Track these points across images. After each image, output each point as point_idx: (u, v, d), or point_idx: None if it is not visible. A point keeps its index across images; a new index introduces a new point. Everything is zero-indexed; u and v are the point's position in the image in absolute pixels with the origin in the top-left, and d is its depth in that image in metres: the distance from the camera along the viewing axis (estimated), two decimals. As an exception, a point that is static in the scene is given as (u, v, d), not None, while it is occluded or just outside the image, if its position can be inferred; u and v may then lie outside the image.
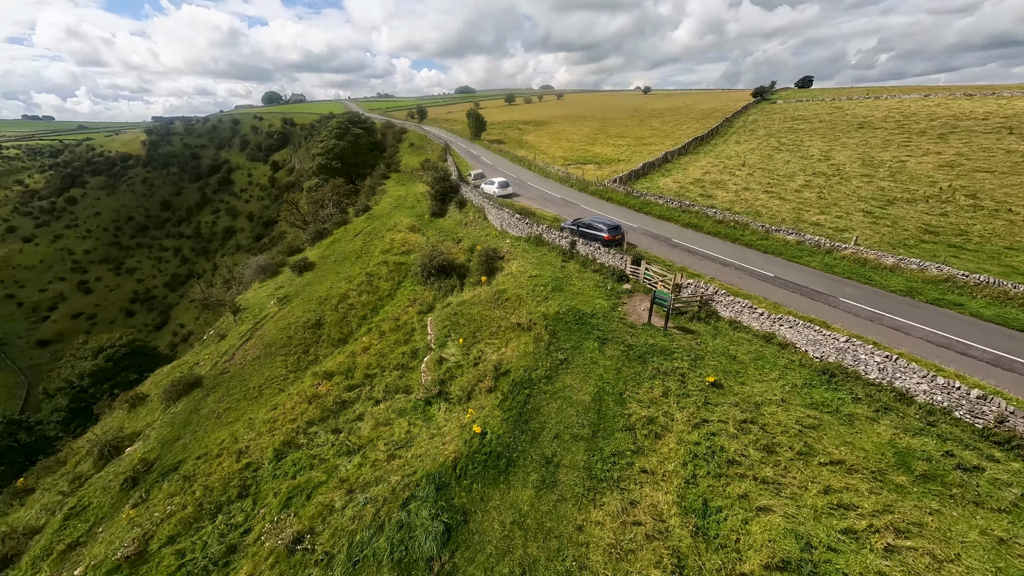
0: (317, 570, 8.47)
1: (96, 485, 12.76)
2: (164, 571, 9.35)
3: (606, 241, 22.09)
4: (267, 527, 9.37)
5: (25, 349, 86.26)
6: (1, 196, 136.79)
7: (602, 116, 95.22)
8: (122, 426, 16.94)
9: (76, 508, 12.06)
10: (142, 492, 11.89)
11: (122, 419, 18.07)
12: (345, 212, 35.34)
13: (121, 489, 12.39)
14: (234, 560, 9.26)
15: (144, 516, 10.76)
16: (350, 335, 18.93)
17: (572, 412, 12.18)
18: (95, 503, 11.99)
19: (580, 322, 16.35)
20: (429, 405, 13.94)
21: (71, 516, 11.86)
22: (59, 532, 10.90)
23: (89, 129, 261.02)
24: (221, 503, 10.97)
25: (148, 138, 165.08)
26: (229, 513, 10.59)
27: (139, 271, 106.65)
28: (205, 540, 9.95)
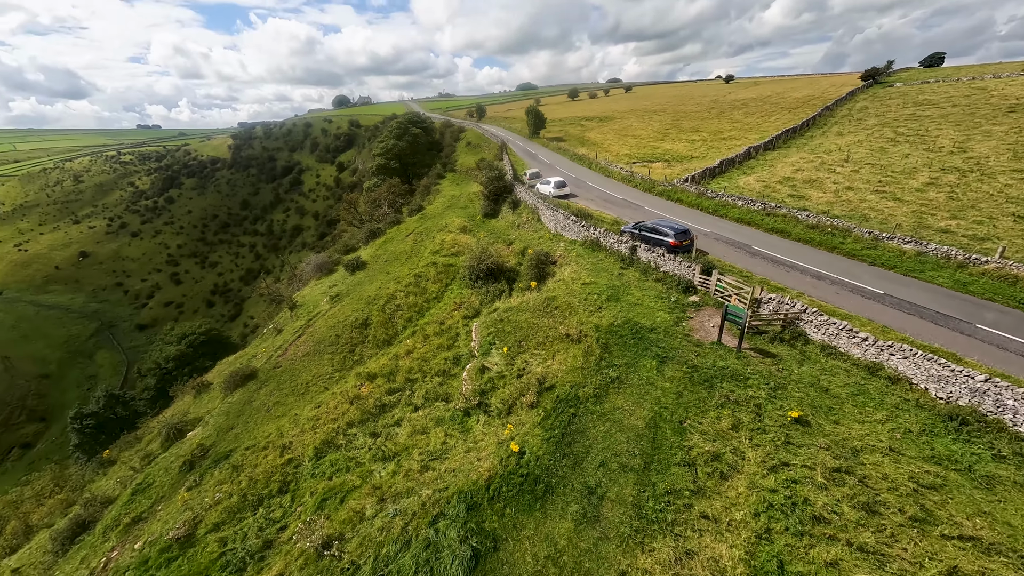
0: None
1: (161, 465, 14.48)
2: (207, 557, 10.24)
3: (672, 247, 20.76)
4: (300, 527, 9.86)
5: (127, 332, 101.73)
6: (117, 196, 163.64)
7: (675, 109, 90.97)
8: (187, 411, 19.20)
9: (143, 484, 13.75)
10: (196, 476, 13.22)
11: (189, 404, 20.48)
12: (399, 212, 37.15)
13: (180, 471, 13.90)
14: (268, 556, 9.86)
15: (196, 500, 11.96)
16: (395, 337, 19.64)
17: (622, 438, 11.40)
18: (158, 482, 13.59)
19: (637, 336, 15.41)
20: (468, 416, 13.89)
21: (138, 492, 13.53)
22: (127, 505, 12.55)
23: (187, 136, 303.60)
24: (263, 496, 11.81)
25: (233, 142, 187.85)
26: (269, 507, 11.36)
27: (220, 265, 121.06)
28: (245, 532, 10.73)
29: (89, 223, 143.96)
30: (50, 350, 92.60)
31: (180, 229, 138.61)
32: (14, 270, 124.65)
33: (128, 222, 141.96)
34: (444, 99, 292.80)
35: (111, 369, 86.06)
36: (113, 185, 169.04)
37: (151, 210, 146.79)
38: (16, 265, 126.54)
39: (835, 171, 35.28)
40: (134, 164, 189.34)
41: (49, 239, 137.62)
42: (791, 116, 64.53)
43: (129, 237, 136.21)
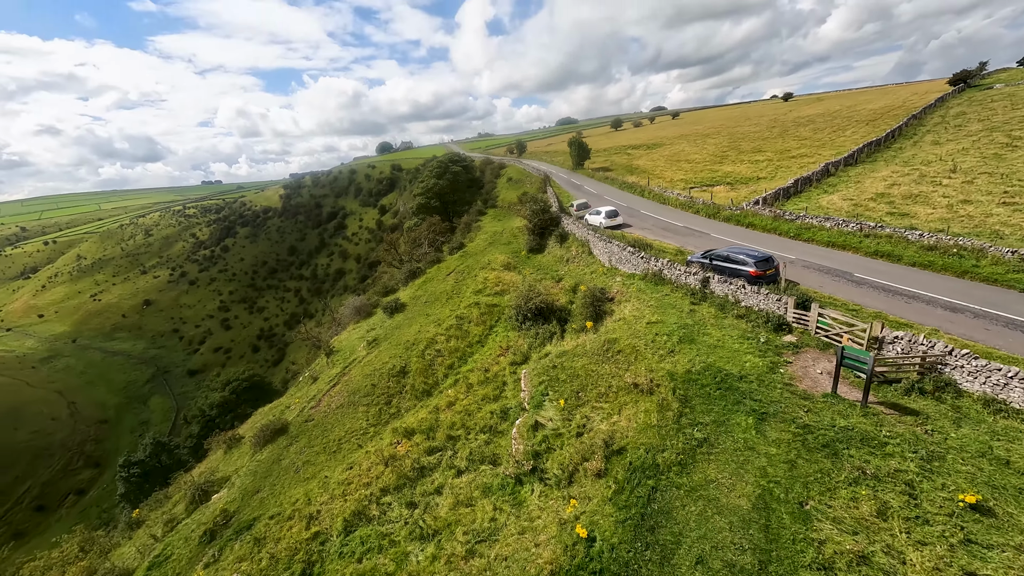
0: None
1: (181, 533, 13.92)
2: (215, 660, 9.14)
3: (752, 278, 18.62)
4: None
5: (179, 377, 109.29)
6: (180, 247, 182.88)
7: (730, 131, 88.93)
8: (216, 468, 18.95)
9: (160, 557, 13.14)
10: (216, 550, 12.40)
11: (219, 459, 20.32)
12: (440, 250, 37.48)
13: (200, 542, 13.20)
14: (284, 664, 8.57)
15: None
16: (435, 386, 18.62)
17: (722, 524, 9.27)
18: (176, 554, 12.93)
19: (723, 386, 13.32)
20: (520, 485, 12.26)
21: (154, 566, 12.91)
22: None
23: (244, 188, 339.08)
24: (284, 579, 10.68)
25: (284, 192, 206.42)
26: (290, 594, 10.19)
27: (266, 310, 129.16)
28: (261, 627, 9.57)
29: (155, 273, 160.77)
30: (110, 395, 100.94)
31: (232, 276, 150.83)
32: (88, 318, 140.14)
33: (188, 271, 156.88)
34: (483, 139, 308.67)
35: (162, 415, 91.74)
36: (177, 237, 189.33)
37: (208, 259, 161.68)
38: (90, 314, 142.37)
39: (941, 183, 31.62)
40: (196, 217, 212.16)
41: (119, 289, 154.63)
42: (870, 129, 60.54)
43: (188, 285, 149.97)
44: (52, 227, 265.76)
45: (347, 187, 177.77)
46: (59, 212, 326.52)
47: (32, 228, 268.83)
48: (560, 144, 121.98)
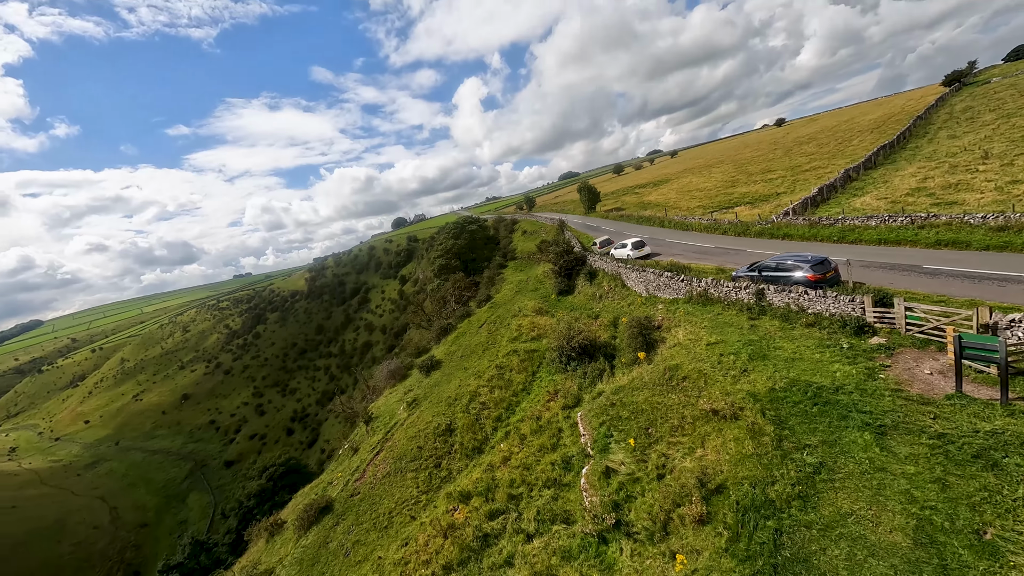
0: None
1: None
2: None
3: (811, 283, 17.04)
4: None
5: (216, 470, 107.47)
6: (215, 339, 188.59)
7: (733, 159, 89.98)
8: (258, 560, 17.13)
9: None
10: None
11: (261, 550, 18.48)
12: (467, 305, 36.86)
13: None
14: None
15: None
16: (485, 442, 16.94)
17: (883, 568, 7.26)
18: None
19: (819, 401, 11.49)
20: (604, 543, 10.33)
21: None
22: None
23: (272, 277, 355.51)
24: None
25: (309, 275, 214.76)
26: None
27: (298, 391, 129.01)
28: None
29: (192, 367, 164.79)
30: (150, 496, 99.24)
31: (264, 361, 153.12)
32: (130, 419, 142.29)
33: (222, 361, 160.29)
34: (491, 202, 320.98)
35: (200, 512, 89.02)
36: (212, 330, 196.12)
37: (241, 347, 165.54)
38: (132, 415, 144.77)
39: (977, 170, 30.09)
40: (229, 308, 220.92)
41: (159, 387, 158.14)
42: (877, 136, 60.04)
43: (223, 375, 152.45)
44: (99, 335, 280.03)
45: (367, 263, 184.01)
46: (105, 320, 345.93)
47: (81, 338, 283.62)
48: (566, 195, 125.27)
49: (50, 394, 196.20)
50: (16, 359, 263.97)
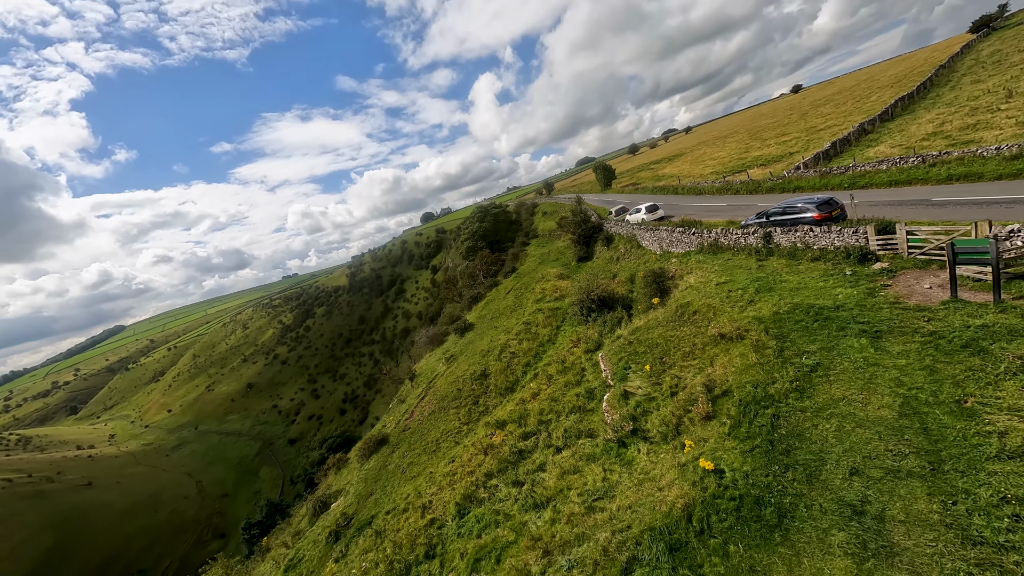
0: (523, 659, 6.28)
1: (309, 539, 13.87)
2: (358, 638, 8.61)
3: (817, 222, 17.03)
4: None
5: (281, 447, 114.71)
6: (271, 334, 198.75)
7: (747, 128, 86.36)
8: (330, 484, 19.09)
9: (294, 560, 13.07)
10: (342, 547, 12.13)
11: (331, 479, 20.51)
12: (495, 277, 37.93)
13: (326, 543, 13.02)
14: (425, 634, 7.90)
15: (343, 572, 10.73)
16: (516, 383, 18.05)
17: (868, 435, 7.82)
18: (307, 556, 12.81)
19: (820, 318, 11.84)
20: (624, 447, 11.21)
21: (289, 568, 12.81)
22: None
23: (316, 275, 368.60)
24: (409, 563, 10.10)
25: (349, 271, 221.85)
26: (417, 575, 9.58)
27: (347, 376, 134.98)
28: (396, 606, 8.99)
29: (253, 360, 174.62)
30: (227, 471, 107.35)
31: (316, 351, 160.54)
32: (205, 407, 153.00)
33: (279, 353, 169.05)
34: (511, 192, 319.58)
35: (271, 483, 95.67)
36: (267, 326, 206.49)
37: (294, 340, 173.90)
38: (207, 403, 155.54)
39: (999, 109, 28.28)
40: (281, 306, 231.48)
41: (227, 378, 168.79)
42: (896, 90, 56.37)
43: (280, 365, 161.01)
44: (172, 336, 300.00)
45: (400, 256, 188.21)
46: (176, 323, 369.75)
47: (158, 339, 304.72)
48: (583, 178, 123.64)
49: (137, 388, 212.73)
50: (107, 359, 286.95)
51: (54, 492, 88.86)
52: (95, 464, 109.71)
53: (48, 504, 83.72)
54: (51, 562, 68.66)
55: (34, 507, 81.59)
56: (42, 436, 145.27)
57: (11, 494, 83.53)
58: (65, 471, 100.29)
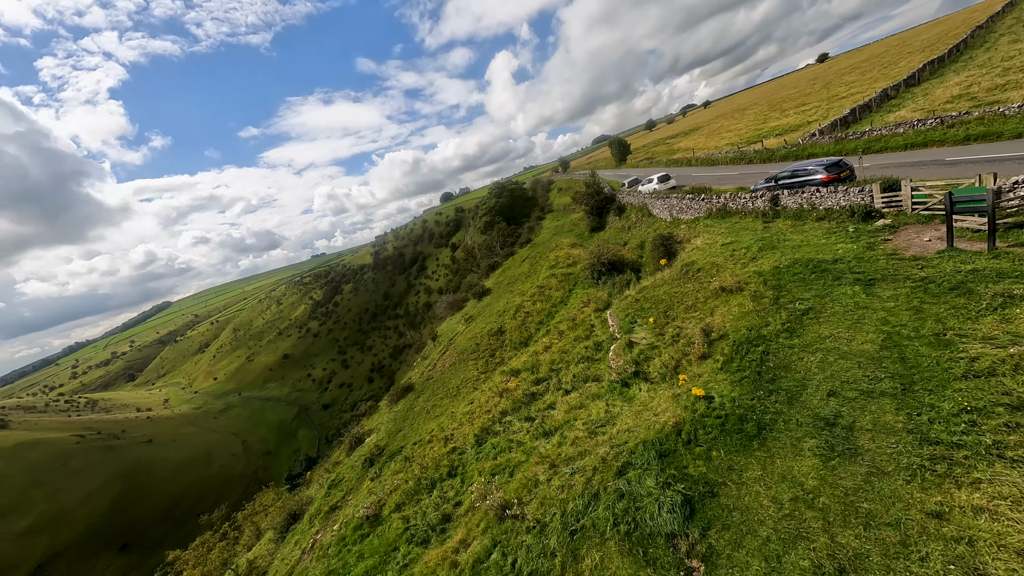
0: (530, 537, 7.22)
1: (346, 465, 15.35)
2: (394, 532, 9.79)
3: (825, 183, 16.81)
4: (475, 490, 8.87)
5: (317, 412, 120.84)
6: (303, 309, 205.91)
7: (767, 100, 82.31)
8: (363, 425, 20.73)
9: (335, 480, 14.55)
10: (376, 469, 13.47)
11: (364, 422, 22.22)
12: (511, 248, 38.51)
13: (363, 467, 14.42)
14: (448, 527, 8.95)
15: (378, 487, 12.03)
16: (530, 338, 18.88)
17: (848, 365, 8.28)
18: (346, 477, 14.26)
19: (818, 271, 12.06)
20: (626, 387, 11.93)
21: (332, 486, 14.32)
22: (324, 498, 13.36)
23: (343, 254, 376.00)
24: (435, 480, 11.27)
25: (373, 250, 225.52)
26: (442, 489, 10.71)
27: (374, 347, 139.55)
28: (424, 510, 10.14)
29: (287, 333, 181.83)
30: (269, 433, 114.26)
31: (344, 325, 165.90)
32: (247, 375, 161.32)
33: (311, 327, 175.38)
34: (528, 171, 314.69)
35: (308, 443, 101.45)
36: (300, 302, 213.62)
37: (324, 314, 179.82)
38: (248, 372, 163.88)
39: (1032, 68, 26.41)
40: (311, 283, 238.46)
41: (266, 350, 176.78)
42: (927, 55, 52.58)
43: (312, 338, 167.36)
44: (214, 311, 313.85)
45: (421, 235, 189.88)
46: (217, 299, 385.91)
47: (201, 314, 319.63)
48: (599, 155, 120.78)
49: (185, 358, 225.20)
50: (157, 332, 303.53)
51: (120, 447, 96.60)
52: (153, 424, 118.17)
53: (116, 457, 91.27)
54: (122, 506, 75.46)
55: (104, 459, 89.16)
56: (106, 399, 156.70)
57: (85, 448, 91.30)
58: (128, 430, 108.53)
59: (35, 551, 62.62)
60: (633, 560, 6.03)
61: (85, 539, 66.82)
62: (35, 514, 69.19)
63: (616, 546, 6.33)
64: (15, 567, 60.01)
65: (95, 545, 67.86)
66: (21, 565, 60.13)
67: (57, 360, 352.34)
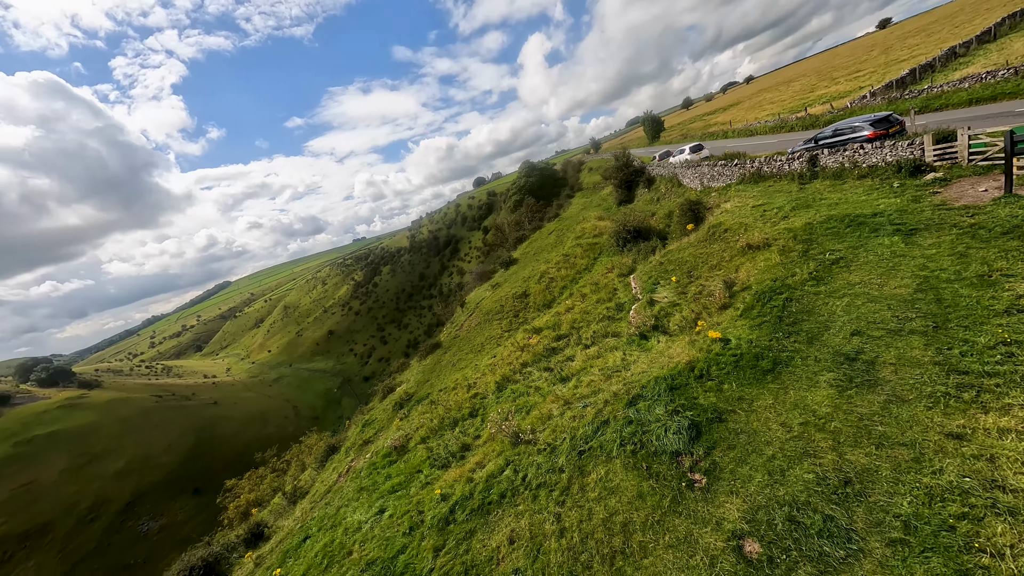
0: (540, 457, 7.47)
1: (379, 408, 16.36)
2: (418, 458, 10.42)
3: (871, 139, 15.44)
4: (491, 428, 9.23)
5: (358, 383, 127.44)
6: (345, 289, 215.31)
7: (817, 70, 75.61)
8: (395, 378, 21.84)
9: (368, 420, 15.56)
10: (405, 411, 14.25)
11: (396, 376, 23.41)
12: (540, 222, 38.28)
13: (393, 410, 15.31)
14: (467, 454, 9.41)
15: (406, 425, 12.76)
16: (553, 301, 18.94)
17: (877, 307, 7.79)
18: (378, 418, 15.21)
19: (855, 224, 11.26)
20: (645, 339, 11.80)
21: (366, 425, 15.31)
22: (359, 434, 14.38)
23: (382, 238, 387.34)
24: (457, 419, 11.79)
25: (409, 233, 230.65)
26: (463, 426, 11.21)
27: (410, 325, 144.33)
28: (446, 442, 10.67)
29: (332, 311, 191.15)
30: (317, 400, 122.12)
31: (383, 304, 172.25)
32: (296, 349, 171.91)
33: (352, 305, 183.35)
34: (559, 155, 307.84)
35: (350, 409, 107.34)
36: (343, 282, 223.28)
37: (365, 294, 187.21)
38: (297, 346, 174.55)
39: None
40: (353, 265, 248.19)
41: (313, 326, 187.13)
42: (1009, 8, 46.02)
43: (354, 316, 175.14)
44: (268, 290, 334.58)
45: (455, 219, 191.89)
46: (269, 279, 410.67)
47: (256, 292, 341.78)
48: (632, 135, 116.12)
49: (243, 332, 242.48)
50: (219, 308, 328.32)
51: (191, 407, 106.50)
52: (218, 389, 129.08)
53: (188, 415, 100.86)
54: (195, 456, 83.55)
55: (179, 417, 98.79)
56: (178, 366, 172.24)
57: (163, 406, 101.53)
58: (197, 393, 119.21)
59: (126, 490, 70.96)
60: (637, 474, 6.13)
61: (165, 483, 74.92)
62: (126, 459, 78.10)
63: (621, 462, 6.44)
64: (111, 501, 68.31)
65: (174, 488, 75.93)
66: (115, 500, 68.37)
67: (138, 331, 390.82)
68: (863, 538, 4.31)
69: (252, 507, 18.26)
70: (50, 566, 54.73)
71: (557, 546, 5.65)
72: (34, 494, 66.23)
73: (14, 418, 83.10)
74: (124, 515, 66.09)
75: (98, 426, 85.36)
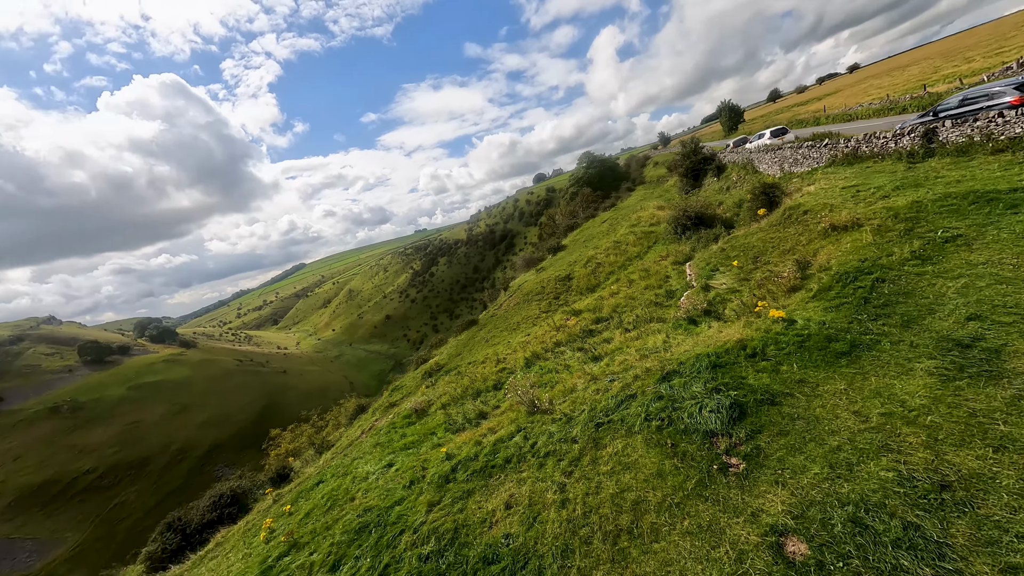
0: (555, 426, 6.82)
1: (409, 376, 16.65)
2: (435, 420, 10.26)
3: (1013, 106, 12.49)
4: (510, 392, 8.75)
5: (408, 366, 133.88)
6: (404, 277, 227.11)
7: (942, 53, 64.75)
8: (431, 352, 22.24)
9: (397, 386, 15.88)
10: (432, 380, 14.26)
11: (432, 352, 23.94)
12: (593, 212, 36.88)
13: (422, 378, 15.46)
14: (482, 422, 9.02)
15: (430, 392, 12.76)
16: (598, 285, 17.91)
17: (1007, 290, 6.06)
18: (406, 385, 15.47)
19: (983, 200, 9.08)
20: (694, 324, 10.56)
21: (394, 390, 15.66)
22: (387, 398, 14.71)
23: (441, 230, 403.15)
24: (480, 390, 11.48)
25: (467, 227, 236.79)
26: (485, 397, 10.86)
27: (461, 316, 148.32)
28: (465, 410, 10.40)
29: (390, 297, 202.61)
30: (371, 379, 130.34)
31: (438, 293, 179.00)
32: (356, 330, 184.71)
33: (409, 293, 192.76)
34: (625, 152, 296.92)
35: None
36: (402, 270, 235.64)
37: (421, 283, 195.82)
38: (357, 327, 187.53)
39: None
40: (412, 255, 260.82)
41: (373, 310, 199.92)
42: None
43: (410, 303, 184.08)
44: (336, 273, 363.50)
45: (512, 213, 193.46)
46: (338, 264, 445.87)
47: (326, 275, 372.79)
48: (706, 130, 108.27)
49: (312, 311, 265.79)
50: (294, 287, 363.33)
51: (264, 373, 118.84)
52: (288, 359, 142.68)
53: (261, 380, 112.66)
54: (264, 417, 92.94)
55: (254, 381, 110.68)
56: (257, 337, 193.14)
57: (243, 369, 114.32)
58: (270, 361, 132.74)
59: (207, 439, 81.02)
60: (660, 451, 5.28)
61: (238, 437, 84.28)
62: (209, 413, 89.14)
63: (643, 438, 5.61)
64: (196, 447, 78.28)
65: (245, 443, 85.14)
66: (198, 447, 78.27)
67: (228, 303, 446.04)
68: (964, 557, 3.18)
69: (289, 456, 19.80)
70: (146, 494, 64.02)
71: (556, 516, 5.01)
72: (140, 431, 77.84)
73: (130, 366, 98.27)
74: (203, 460, 75.36)
75: (191, 381, 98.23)
